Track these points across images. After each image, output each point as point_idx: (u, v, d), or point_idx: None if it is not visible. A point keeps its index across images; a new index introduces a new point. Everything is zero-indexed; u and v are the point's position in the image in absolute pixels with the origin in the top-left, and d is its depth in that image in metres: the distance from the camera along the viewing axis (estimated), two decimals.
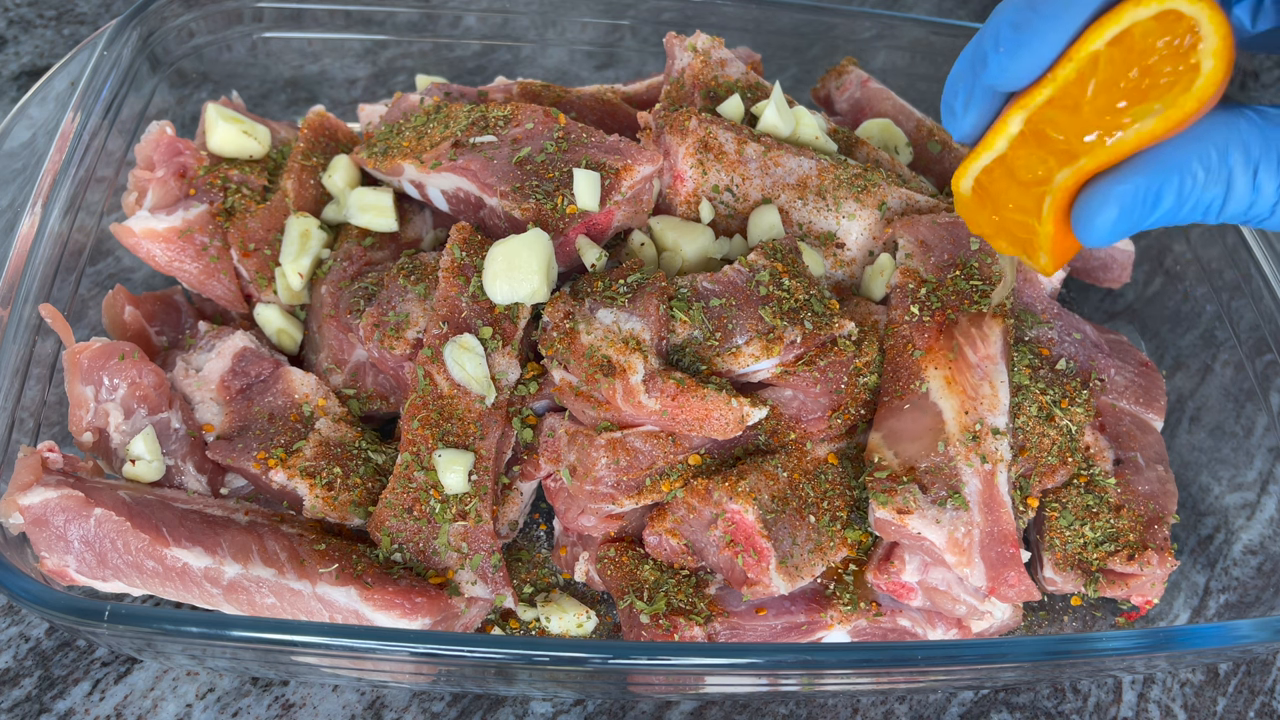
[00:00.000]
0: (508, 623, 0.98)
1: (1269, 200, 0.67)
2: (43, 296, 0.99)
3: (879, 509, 0.91)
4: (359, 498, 0.97)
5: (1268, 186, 0.66)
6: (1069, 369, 1.07)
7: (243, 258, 1.08)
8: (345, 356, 1.06)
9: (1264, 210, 0.68)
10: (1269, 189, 0.66)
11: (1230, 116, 0.66)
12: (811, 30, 1.40)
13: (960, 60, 0.72)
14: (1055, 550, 1.00)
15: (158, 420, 0.99)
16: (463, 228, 1.00)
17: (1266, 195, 0.67)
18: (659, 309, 0.94)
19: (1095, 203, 0.67)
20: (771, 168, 1.06)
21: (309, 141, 1.17)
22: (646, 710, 0.97)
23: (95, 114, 1.10)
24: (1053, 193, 0.68)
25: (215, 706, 0.94)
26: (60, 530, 0.86)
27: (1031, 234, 0.72)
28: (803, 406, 0.97)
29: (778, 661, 0.82)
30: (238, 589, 0.89)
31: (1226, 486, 1.14)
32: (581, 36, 1.42)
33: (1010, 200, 0.71)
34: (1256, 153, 0.65)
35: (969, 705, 1.00)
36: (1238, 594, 1.06)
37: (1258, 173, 0.66)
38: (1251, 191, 0.67)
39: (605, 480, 0.92)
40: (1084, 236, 0.69)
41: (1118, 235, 0.68)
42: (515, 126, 1.06)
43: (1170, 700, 1.02)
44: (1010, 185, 0.71)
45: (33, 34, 1.53)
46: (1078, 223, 0.69)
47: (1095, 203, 0.67)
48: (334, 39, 1.39)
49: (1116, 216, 0.67)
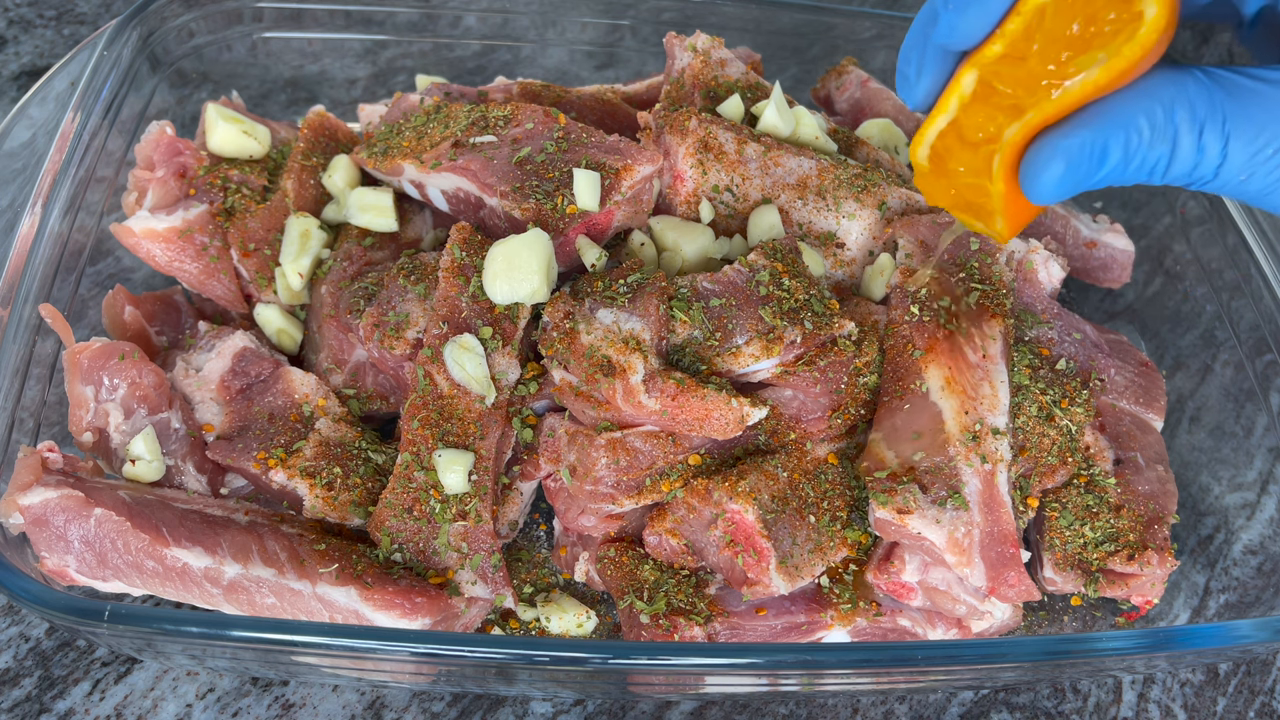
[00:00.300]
0: (508, 623, 0.98)
1: (1213, 162, 0.67)
2: (43, 296, 0.99)
3: (879, 509, 0.91)
4: (359, 498, 0.97)
5: (1212, 148, 0.66)
6: (1069, 369, 1.07)
7: (243, 258, 1.08)
8: (345, 356, 1.06)
9: (1208, 172, 0.68)
10: (1213, 150, 0.66)
11: (1178, 75, 0.66)
12: (811, 30, 1.40)
13: (913, 26, 0.72)
14: (1055, 550, 1.00)
15: (158, 420, 0.99)
16: (463, 228, 1.00)
17: (1211, 157, 0.67)
18: (659, 309, 0.94)
19: (1042, 157, 0.67)
20: (771, 168, 1.06)
21: (309, 141, 1.17)
22: (646, 710, 0.97)
23: (95, 114, 1.10)
24: (1001, 149, 0.68)
25: (215, 706, 0.94)
26: (60, 530, 0.86)
27: (986, 198, 0.71)
28: (803, 406, 0.97)
29: (778, 661, 0.82)
30: (238, 589, 0.89)
31: (1226, 486, 1.14)
32: (581, 36, 1.42)
33: (963, 163, 0.71)
34: (1202, 113, 0.65)
35: (969, 705, 1.00)
36: (1238, 594, 1.06)
37: (1203, 133, 0.66)
38: (1196, 152, 0.66)
39: (605, 480, 0.92)
40: (1030, 192, 0.68)
41: (1064, 191, 0.67)
42: (515, 126, 1.06)
43: (1170, 700, 1.02)
44: (962, 148, 0.70)
45: (33, 34, 1.53)
46: (1025, 178, 0.68)
47: (1042, 157, 0.67)
48: (334, 39, 1.39)
49: (1063, 171, 0.66)
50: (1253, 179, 0.68)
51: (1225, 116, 0.66)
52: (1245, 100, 0.66)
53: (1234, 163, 0.67)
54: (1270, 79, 0.67)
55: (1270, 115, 0.66)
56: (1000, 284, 1.05)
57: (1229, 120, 0.66)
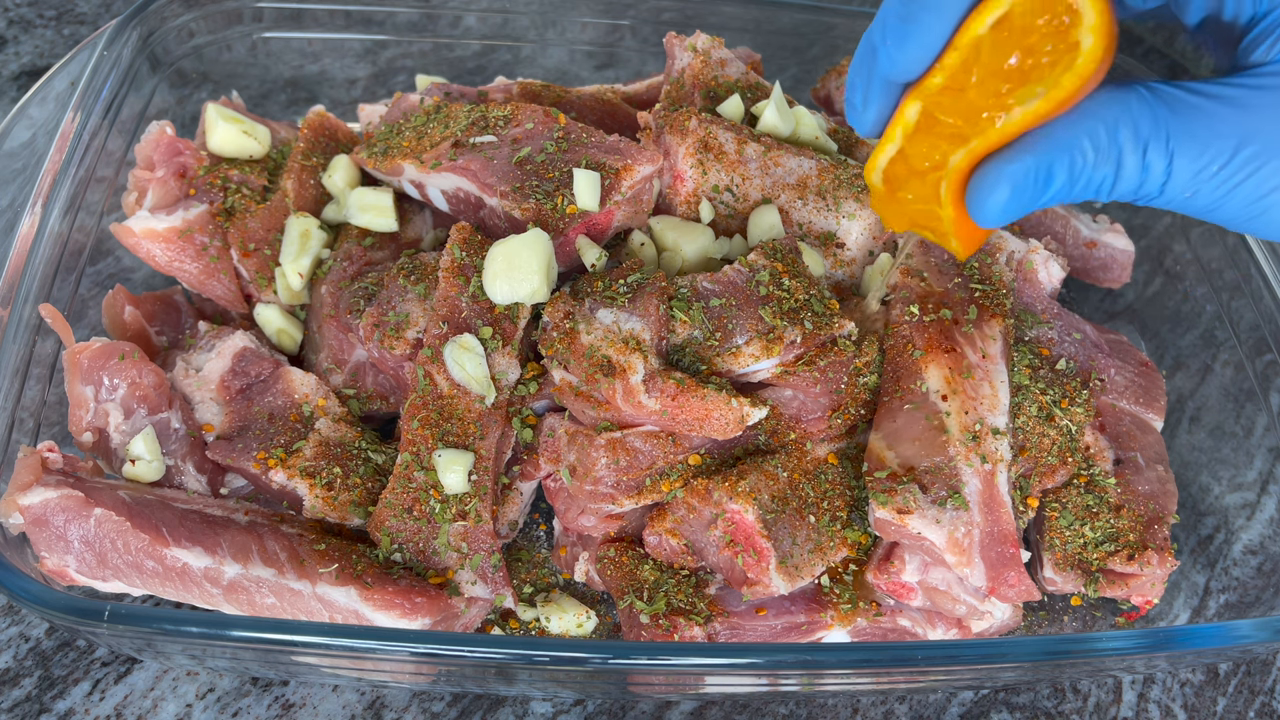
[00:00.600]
0: (508, 623, 0.98)
1: (1158, 179, 0.67)
2: (43, 296, 0.99)
3: (879, 509, 0.91)
4: (359, 498, 0.97)
5: (1157, 165, 0.66)
6: (1069, 369, 1.07)
7: (243, 258, 1.08)
8: (345, 356, 1.06)
9: (1154, 189, 0.67)
10: (1158, 168, 0.66)
11: (1121, 93, 0.66)
12: (811, 30, 1.40)
13: (856, 56, 0.72)
14: (1055, 550, 1.00)
15: (158, 420, 0.99)
16: (463, 228, 1.00)
17: (1156, 174, 0.66)
18: (659, 309, 0.94)
19: (987, 183, 0.67)
20: (771, 168, 1.06)
21: (309, 141, 1.17)
22: (646, 710, 0.97)
23: (95, 114, 1.10)
24: (947, 176, 0.68)
25: (215, 706, 0.94)
26: (60, 530, 0.86)
27: (937, 221, 0.72)
28: (803, 406, 0.97)
29: (778, 661, 0.82)
30: (238, 589, 0.89)
31: (1226, 486, 1.14)
32: (581, 36, 1.42)
33: (912, 190, 0.71)
34: (1146, 131, 0.65)
35: (969, 705, 1.00)
36: (1238, 594, 1.06)
37: (1147, 151, 0.66)
38: (1141, 170, 0.66)
39: (605, 480, 0.92)
40: (977, 217, 0.68)
41: (1010, 215, 0.67)
42: (515, 126, 1.06)
43: (1170, 700, 1.02)
44: (911, 175, 0.71)
45: (33, 34, 1.53)
46: (971, 203, 0.68)
47: (987, 183, 0.67)
48: (334, 39, 1.39)
49: (1008, 196, 0.66)
50: (1198, 195, 0.68)
51: (1169, 134, 0.65)
52: (1189, 117, 0.66)
53: (1179, 180, 0.67)
54: (1215, 94, 0.66)
55: (1214, 132, 0.65)
56: (1000, 284, 1.05)
57: (1173, 138, 0.65)
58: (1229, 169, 0.66)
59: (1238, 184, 0.67)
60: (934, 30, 0.65)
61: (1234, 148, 0.65)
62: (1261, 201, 0.67)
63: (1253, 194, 0.67)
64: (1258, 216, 0.69)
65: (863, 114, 0.73)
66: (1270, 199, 0.67)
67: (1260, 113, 0.65)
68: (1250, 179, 0.66)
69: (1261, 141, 0.65)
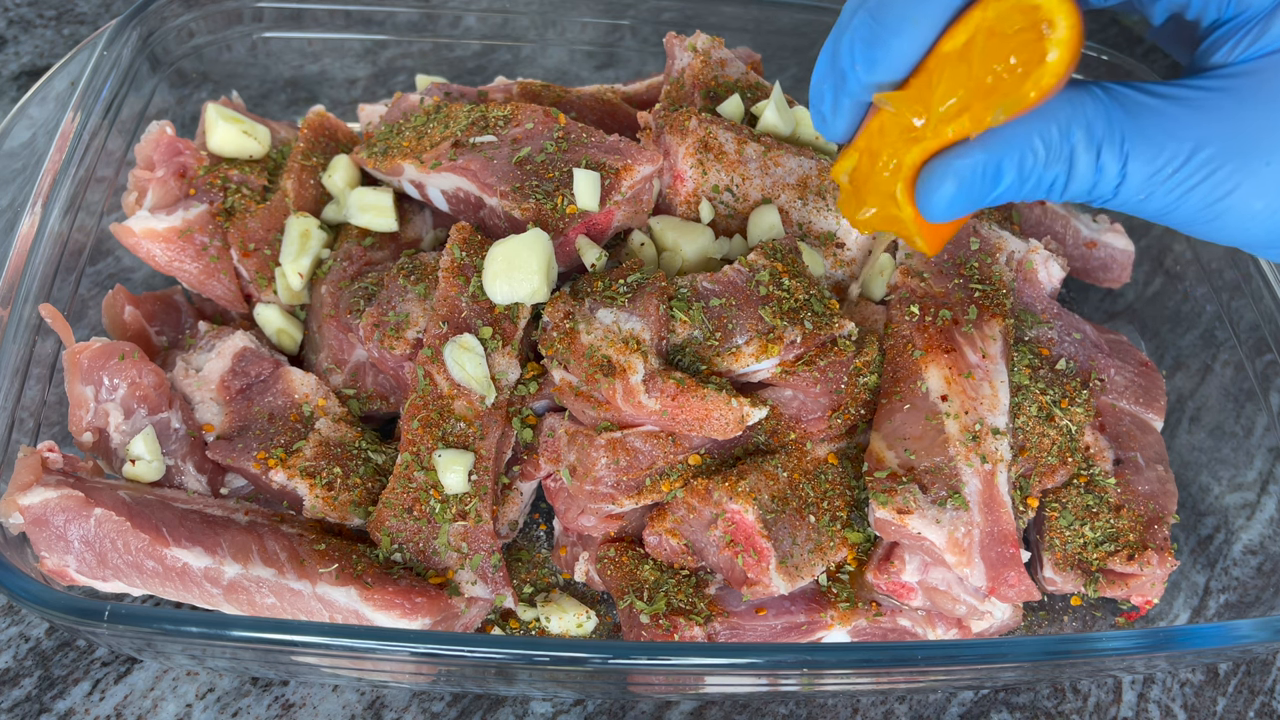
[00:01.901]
0: (508, 623, 0.98)
1: (1111, 181, 0.66)
2: (43, 296, 0.99)
3: (879, 509, 0.91)
4: (359, 498, 0.97)
5: (1110, 168, 0.65)
6: (1069, 369, 1.07)
7: (243, 258, 1.08)
8: (345, 356, 1.06)
9: (1107, 191, 0.67)
10: (1112, 170, 0.65)
11: (1076, 94, 0.65)
12: (811, 30, 1.40)
13: (820, 64, 0.70)
14: (1055, 550, 1.00)
15: (158, 420, 0.99)
16: (463, 228, 1.00)
17: (1109, 176, 0.66)
18: (659, 309, 0.94)
19: (935, 177, 0.66)
20: (771, 168, 1.06)
21: (309, 141, 1.17)
22: (646, 710, 0.97)
23: (95, 114, 1.10)
24: (902, 174, 0.68)
25: (215, 706, 0.94)
26: (60, 530, 0.86)
27: (900, 224, 0.72)
28: (803, 406, 0.97)
29: (778, 661, 0.82)
30: (238, 589, 0.89)
31: (1226, 486, 1.14)
32: (581, 36, 1.42)
33: (873, 189, 0.71)
34: (1100, 132, 0.64)
35: (969, 705, 1.00)
36: (1238, 594, 1.06)
37: (1100, 153, 0.65)
38: (1094, 171, 0.66)
39: (605, 480, 0.92)
40: (925, 211, 0.68)
41: (958, 210, 0.67)
42: (515, 126, 1.06)
43: (1170, 700, 1.02)
44: (872, 175, 0.71)
45: (33, 34, 1.53)
46: (919, 197, 0.68)
47: (935, 177, 0.66)
48: (334, 39, 1.39)
49: (955, 191, 0.66)
50: (1152, 198, 0.67)
51: (1123, 136, 0.65)
52: (1144, 119, 0.65)
53: (1133, 182, 0.66)
54: (1171, 95, 0.66)
55: (1169, 134, 0.65)
56: (1000, 284, 1.05)
57: (1127, 140, 0.65)
58: (1184, 171, 0.65)
59: (1192, 187, 0.66)
60: (904, 55, 0.64)
61: (1190, 150, 0.65)
62: (1217, 205, 0.66)
63: (1208, 197, 0.66)
64: (1213, 220, 0.68)
65: (832, 123, 0.72)
66: (1225, 203, 0.66)
67: (1218, 115, 0.65)
68: (1205, 182, 0.65)
69: (1218, 144, 0.64)
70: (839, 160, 0.74)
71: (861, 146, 0.70)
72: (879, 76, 0.66)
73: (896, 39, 0.63)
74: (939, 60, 0.64)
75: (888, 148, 0.68)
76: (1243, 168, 0.65)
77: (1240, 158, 0.64)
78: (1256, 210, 0.66)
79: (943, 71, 0.64)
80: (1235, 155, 0.64)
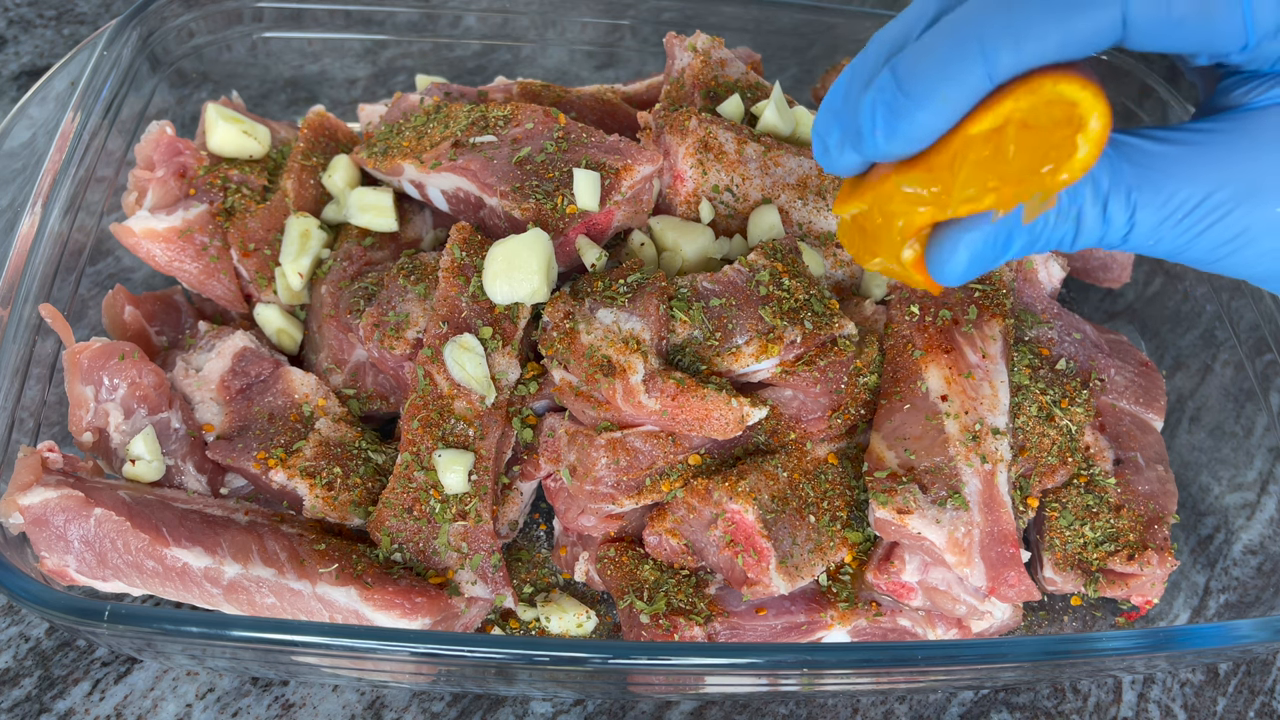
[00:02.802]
0: (508, 623, 0.98)
1: (1120, 231, 0.66)
2: (43, 296, 0.99)
3: (879, 509, 0.91)
4: (359, 498, 0.97)
5: (1118, 219, 0.65)
6: (1069, 369, 1.07)
7: (243, 258, 1.08)
8: (345, 356, 1.06)
9: (1116, 240, 0.67)
10: (1119, 220, 0.65)
11: None
12: (811, 30, 1.40)
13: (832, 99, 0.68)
14: (1055, 550, 1.00)
15: (158, 420, 0.99)
16: (463, 228, 1.00)
17: (1117, 226, 0.66)
18: (659, 309, 0.94)
19: (948, 249, 0.66)
20: (771, 168, 1.06)
21: (309, 141, 1.17)
22: (646, 710, 0.97)
23: (95, 114, 1.10)
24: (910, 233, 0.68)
25: (215, 706, 0.94)
26: (60, 530, 0.86)
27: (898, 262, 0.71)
28: (803, 406, 0.97)
29: (778, 661, 0.82)
30: (238, 589, 0.89)
31: (1226, 486, 1.14)
32: (581, 36, 1.42)
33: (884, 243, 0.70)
34: (1105, 186, 0.64)
35: (969, 705, 1.00)
36: (1238, 594, 1.06)
37: (1107, 206, 0.65)
38: (1102, 224, 0.66)
39: (605, 480, 0.92)
40: (939, 277, 0.68)
41: (972, 275, 0.67)
42: (515, 126, 1.06)
43: (1170, 700, 1.02)
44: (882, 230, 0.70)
45: (33, 34, 1.53)
46: (932, 265, 0.68)
47: (948, 249, 0.66)
48: (334, 39, 1.39)
49: (968, 262, 0.66)
50: (1162, 242, 0.67)
51: (1129, 188, 0.64)
52: (1151, 167, 0.64)
53: (1141, 229, 0.66)
54: (1181, 140, 0.65)
55: (1179, 181, 0.64)
56: (1000, 284, 1.05)
57: (1134, 191, 0.64)
58: (1194, 216, 0.65)
59: (1202, 231, 0.65)
60: (928, 131, 0.62)
61: (1201, 196, 0.64)
62: (1229, 244, 0.66)
63: (1220, 238, 0.66)
64: (1225, 258, 0.67)
65: (836, 158, 0.69)
66: (1238, 241, 0.66)
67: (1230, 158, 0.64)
68: (1218, 224, 0.65)
69: (1231, 188, 0.64)
70: (843, 198, 0.72)
71: (870, 200, 0.69)
72: (898, 149, 0.64)
73: (922, 113, 0.61)
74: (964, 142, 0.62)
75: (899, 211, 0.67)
76: (1254, 210, 0.64)
77: (1252, 200, 0.64)
78: (1266, 249, 0.66)
79: (967, 154, 0.62)
80: (1247, 198, 0.64)
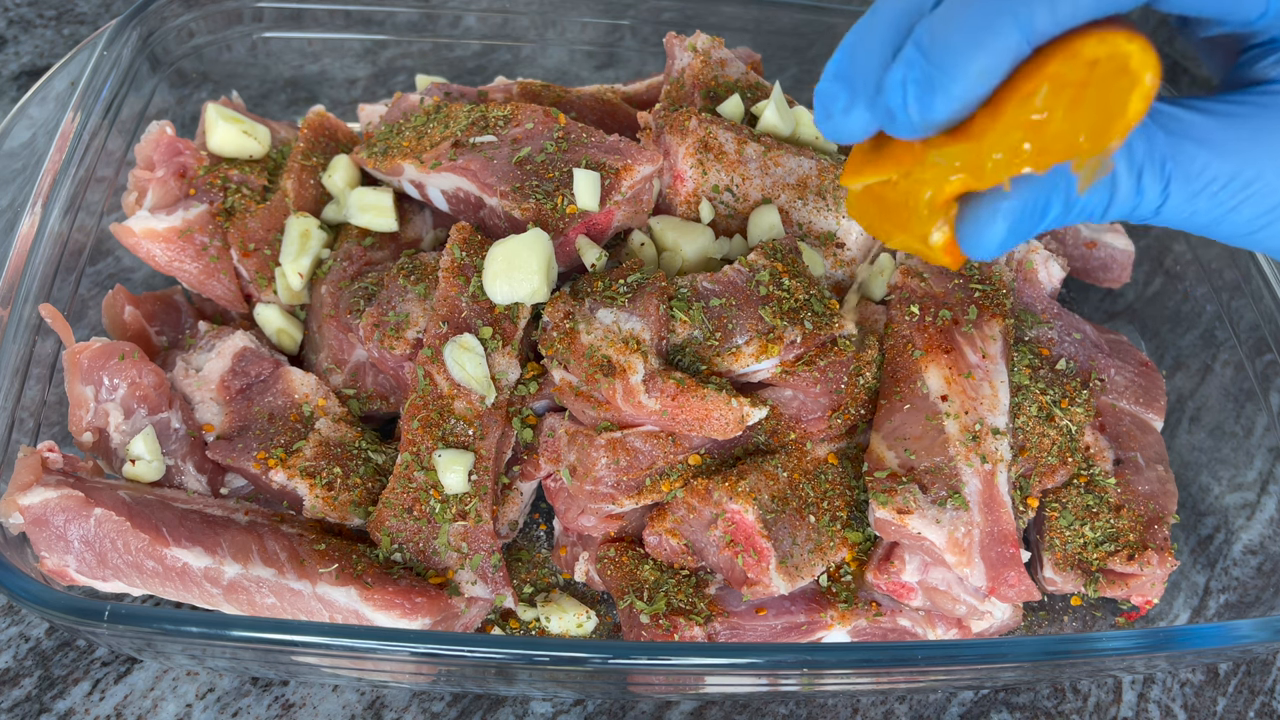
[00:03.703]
0: (508, 623, 0.98)
1: (1153, 203, 0.65)
2: (43, 296, 0.99)
3: (879, 509, 0.91)
4: (359, 498, 0.97)
5: (1152, 190, 0.64)
6: (1069, 369, 1.07)
7: (243, 258, 1.08)
8: (345, 356, 1.06)
9: (1148, 212, 0.66)
10: (1153, 192, 0.64)
11: None
12: (811, 30, 1.40)
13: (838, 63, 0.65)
14: (1055, 550, 1.00)
15: (158, 420, 0.99)
16: (463, 228, 1.00)
17: (1151, 198, 0.65)
18: (659, 309, 0.94)
19: (983, 218, 0.64)
20: (771, 168, 1.06)
21: (309, 141, 1.17)
22: (646, 710, 0.97)
23: (95, 114, 1.10)
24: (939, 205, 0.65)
25: (215, 706, 0.94)
26: (60, 530, 0.86)
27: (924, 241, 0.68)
28: (803, 406, 0.97)
29: (778, 661, 0.82)
30: (238, 589, 0.89)
31: (1226, 486, 1.14)
32: (581, 36, 1.42)
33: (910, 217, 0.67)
34: (1141, 156, 0.63)
35: (969, 705, 1.00)
36: (1238, 594, 1.06)
37: (1142, 176, 0.64)
38: (1136, 194, 0.65)
39: (605, 480, 0.92)
40: (973, 251, 0.66)
41: (1007, 248, 0.66)
42: (515, 126, 1.06)
43: (1170, 700, 1.02)
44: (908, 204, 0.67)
45: (33, 34, 1.53)
46: (965, 239, 0.66)
47: (983, 218, 0.64)
48: (334, 39, 1.39)
49: (1006, 232, 0.64)
50: (1196, 215, 0.66)
51: (1164, 158, 0.63)
52: (1186, 136, 0.64)
53: (1175, 202, 0.65)
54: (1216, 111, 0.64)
55: (1214, 153, 0.63)
56: (1000, 284, 1.05)
57: (1169, 161, 0.63)
58: (1228, 190, 0.64)
59: (1238, 204, 0.65)
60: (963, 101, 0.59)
61: (1234, 169, 0.64)
62: (1262, 218, 0.66)
63: (1253, 212, 0.65)
64: (1258, 231, 0.67)
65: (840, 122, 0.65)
66: (1270, 215, 0.66)
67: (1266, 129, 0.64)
68: (1251, 199, 0.65)
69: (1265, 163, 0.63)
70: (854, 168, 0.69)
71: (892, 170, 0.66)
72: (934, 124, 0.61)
73: (957, 86, 0.59)
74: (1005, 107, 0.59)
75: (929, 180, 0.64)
76: None
77: None
78: None
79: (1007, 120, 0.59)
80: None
